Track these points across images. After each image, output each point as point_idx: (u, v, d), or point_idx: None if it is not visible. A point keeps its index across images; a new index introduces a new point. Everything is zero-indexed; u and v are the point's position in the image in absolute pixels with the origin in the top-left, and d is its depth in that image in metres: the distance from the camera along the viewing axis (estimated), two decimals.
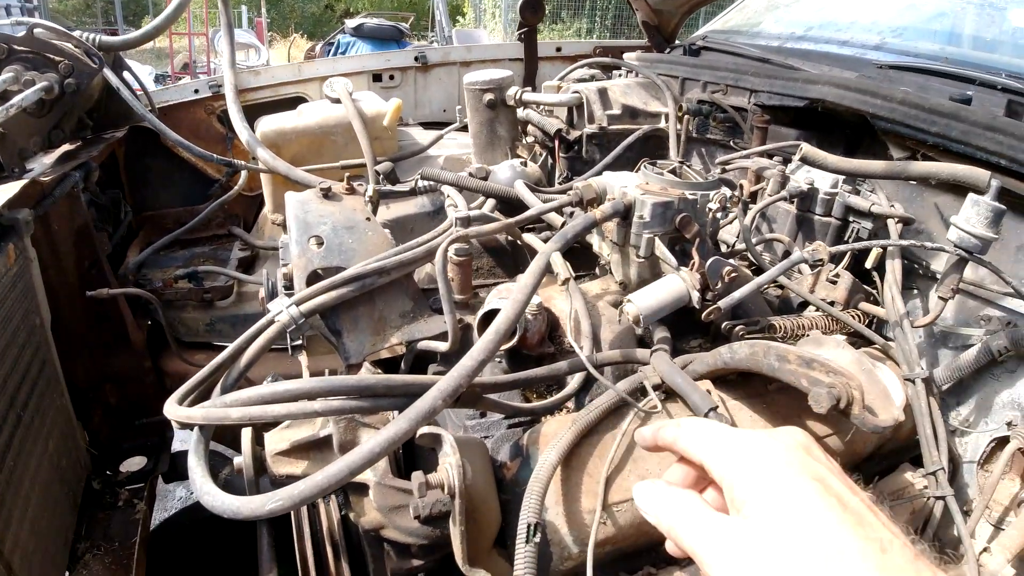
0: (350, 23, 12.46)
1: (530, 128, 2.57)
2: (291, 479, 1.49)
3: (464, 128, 2.82)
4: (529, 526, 0.93)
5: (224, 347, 2.70)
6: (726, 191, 1.54)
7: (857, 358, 1.22)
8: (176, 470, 2.70)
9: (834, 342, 1.31)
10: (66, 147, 2.58)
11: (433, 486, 0.99)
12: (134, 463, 2.70)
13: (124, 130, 2.85)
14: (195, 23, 15.37)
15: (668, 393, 1.26)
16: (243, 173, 2.94)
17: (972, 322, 1.81)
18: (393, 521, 1.28)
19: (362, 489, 1.35)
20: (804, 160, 1.62)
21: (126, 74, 2.81)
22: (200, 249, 3.05)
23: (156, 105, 2.90)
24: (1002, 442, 1.63)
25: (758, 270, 1.87)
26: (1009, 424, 1.66)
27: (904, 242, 1.59)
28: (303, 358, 1.89)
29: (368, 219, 1.68)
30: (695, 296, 1.37)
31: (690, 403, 1.16)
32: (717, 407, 1.13)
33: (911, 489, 1.55)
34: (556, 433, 1.13)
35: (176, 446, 2.80)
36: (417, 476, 0.99)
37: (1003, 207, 1.50)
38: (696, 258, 1.44)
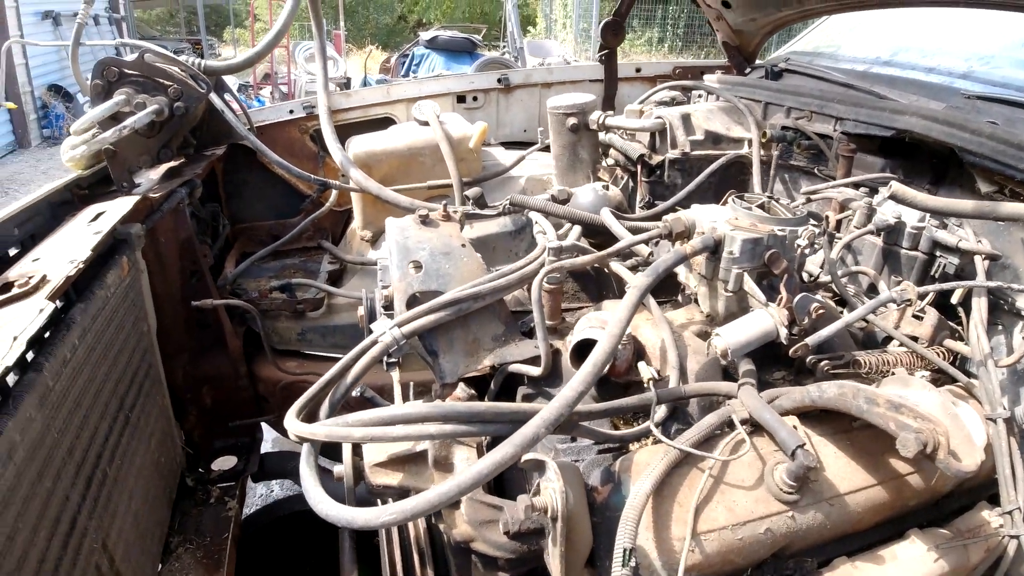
0: (424, 36, 12.74)
1: (612, 152, 2.63)
2: (388, 490, 1.59)
3: (546, 148, 2.89)
4: (625, 551, 0.99)
5: (314, 356, 2.87)
6: (814, 228, 1.57)
7: (943, 402, 1.24)
8: (264, 470, 2.85)
9: (920, 383, 1.32)
10: (171, 163, 2.76)
11: (538, 509, 1.06)
12: (226, 462, 2.86)
13: (224, 147, 3.03)
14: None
15: (755, 427, 1.31)
16: (335, 193, 3.08)
17: None
18: (483, 535, 1.36)
19: (455, 504, 1.43)
20: (894, 198, 1.64)
21: (226, 95, 3.00)
22: (290, 260, 3.21)
23: (254, 124, 3.08)
24: None
25: (842, 301, 1.89)
26: None
27: (990, 283, 1.59)
28: (395, 373, 2.00)
29: (463, 245, 1.77)
30: (783, 332, 1.41)
31: (777, 439, 1.20)
32: (804, 444, 1.17)
33: (987, 527, 1.55)
34: (648, 462, 1.19)
35: (264, 447, 2.95)
36: (523, 499, 1.07)
37: None
38: (784, 294, 1.47)
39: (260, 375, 2.83)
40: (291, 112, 3.29)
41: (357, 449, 1.59)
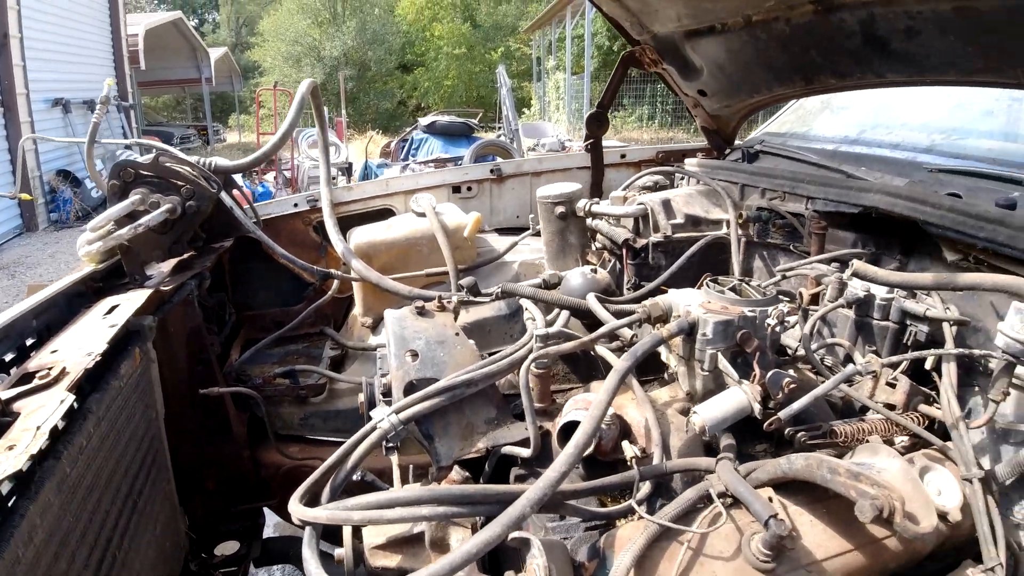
0: (423, 121, 13.20)
1: (599, 236, 2.77)
2: (387, 572, 1.65)
3: (537, 234, 3.04)
4: None
5: (316, 440, 2.93)
6: (783, 307, 1.68)
7: (904, 468, 1.32)
8: (267, 554, 2.87)
9: (886, 451, 1.41)
10: (181, 256, 2.89)
11: None
12: (228, 547, 2.89)
13: (231, 240, 3.18)
14: (280, 119, 16.49)
15: (735, 500, 1.38)
16: (336, 283, 3.22)
17: None
18: None
19: None
20: (856, 276, 1.75)
21: (234, 190, 3.17)
22: (294, 347, 3.31)
23: (260, 217, 3.24)
24: None
25: (819, 374, 1.98)
26: None
27: (955, 350, 1.69)
28: (394, 457, 2.07)
29: (457, 334, 1.88)
30: (756, 408, 1.50)
31: (752, 511, 1.28)
32: (776, 514, 1.24)
33: None
34: (631, 537, 1.27)
35: (267, 532, 2.98)
36: (509, 575, 1.14)
37: None
38: (757, 371, 1.57)
39: (263, 460, 2.89)
40: (296, 206, 3.46)
41: (357, 532, 1.65)
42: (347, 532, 1.66)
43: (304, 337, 3.39)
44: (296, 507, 1.38)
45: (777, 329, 1.66)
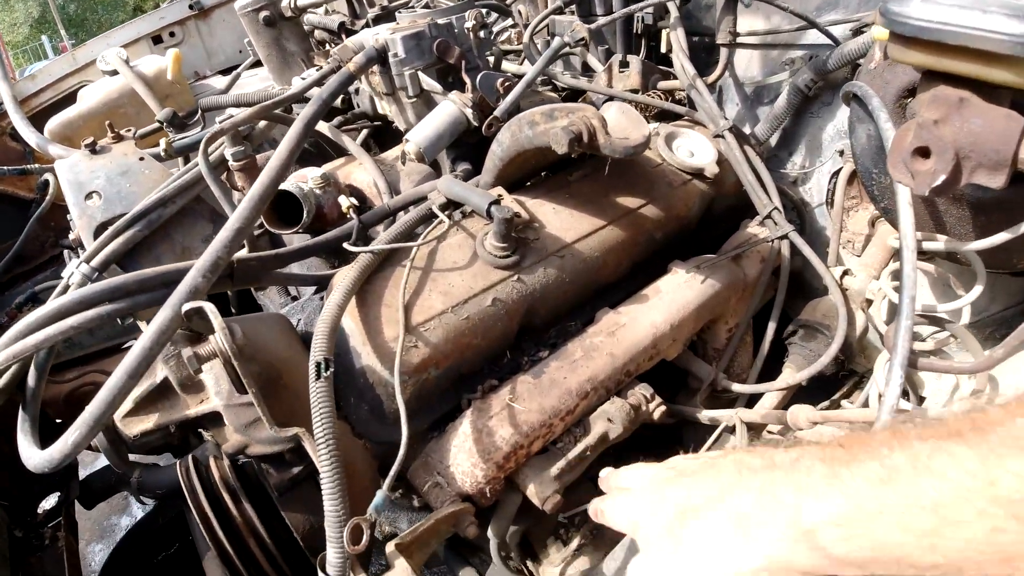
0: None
1: (316, 33, 2.45)
2: (149, 435, 1.44)
3: (259, 63, 2.67)
4: (318, 364, 0.91)
5: (86, 356, 2.60)
6: (482, 9, 1.49)
7: (620, 106, 1.21)
8: (92, 493, 2.61)
9: (611, 104, 1.30)
10: None
11: (204, 357, 0.95)
12: (50, 501, 2.63)
13: None
14: None
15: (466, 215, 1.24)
16: (52, 180, 2.75)
17: (779, 69, 1.83)
18: (253, 436, 1.24)
19: (219, 420, 1.31)
20: None
21: None
22: (42, 276, 2.87)
23: None
24: (839, 173, 1.66)
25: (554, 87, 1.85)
26: (841, 153, 1.67)
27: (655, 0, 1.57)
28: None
29: (142, 159, 1.58)
30: (469, 114, 1.34)
31: (472, 206, 1.14)
32: (498, 200, 1.11)
33: (754, 239, 1.58)
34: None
35: (85, 473, 2.71)
36: (186, 352, 0.95)
37: None
38: (467, 80, 1.40)
39: (44, 399, 2.54)
40: None
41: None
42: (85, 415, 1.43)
43: (51, 262, 2.95)
44: None
45: (481, 35, 1.48)
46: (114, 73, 2.53)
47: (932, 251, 1.12)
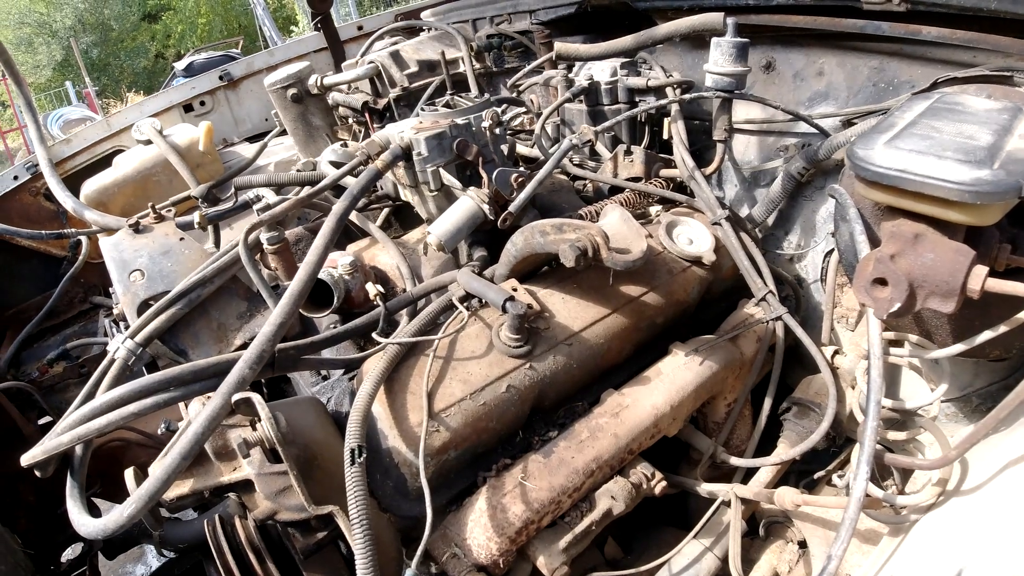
0: (179, 65, 12.02)
1: (341, 109, 2.61)
2: (184, 500, 1.55)
3: (284, 132, 2.83)
4: (352, 451, 1.01)
5: None
6: (496, 109, 1.63)
7: (620, 213, 1.33)
8: (114, 544, 2.68)
9: (610, 207, 1.42)
10: None
11: (252, 443, 1.06)
12: (75, 550, 2.70)
13: None
14: (22, 115, 14.54)
15: (483, 303, 1.36)
16: (85, 241, 2.90)
17: (773, 156, 1.96)
18: (282, 503, 1.34)
19: (250, 486, 1.41)
20: (559, 57, 1.73)
21: None
22: (71, 330, 2.99)
23: None
24: (831, 253, 1.77)
25: (565, 173, 1.99)
26: (833, 234, 1.78)
27: (657, 103, 1.71)
28: None
29: (182, 239, 1.71)
30: (486, 209, 1.47)
31: (489, 301, 1.26)
32: (512, 296, 1.23)
33: (751, 320, 1.69)
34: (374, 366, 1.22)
35: None
36: (235, 438, 1.06)
37: (745, 40, 1.63)
38: (484, 175, 1.53)
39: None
40: (16, 178, 3.04)
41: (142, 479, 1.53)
42: (129, 478, 1.54)
43: (79, 317, 3.07)
44: (25, 457, 1.24)
45: (497, 131, 1.62)
46: (148, 142, 2.68)
47: (898, 358, 1.23)
